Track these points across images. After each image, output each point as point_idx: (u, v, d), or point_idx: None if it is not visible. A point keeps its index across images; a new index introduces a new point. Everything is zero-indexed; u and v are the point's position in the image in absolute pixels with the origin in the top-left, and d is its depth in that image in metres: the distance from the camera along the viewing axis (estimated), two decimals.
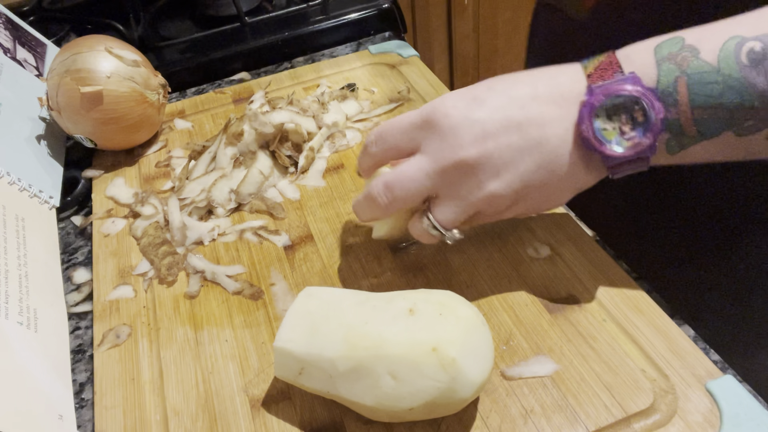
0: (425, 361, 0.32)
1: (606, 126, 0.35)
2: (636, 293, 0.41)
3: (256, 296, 0.45)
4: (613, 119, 0.35)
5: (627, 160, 0.35)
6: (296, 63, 0.72)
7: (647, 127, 0.34)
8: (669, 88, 0.33)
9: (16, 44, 0.65)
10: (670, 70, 0.33)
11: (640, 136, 0.34)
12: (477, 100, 0.37)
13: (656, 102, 0.33)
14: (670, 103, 0.33)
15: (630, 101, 0.34)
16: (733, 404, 0.34)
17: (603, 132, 0.35)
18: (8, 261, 0.44)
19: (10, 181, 0.50)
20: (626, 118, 0.34)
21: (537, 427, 0.35)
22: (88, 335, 0.45)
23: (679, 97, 0.33)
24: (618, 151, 0.35)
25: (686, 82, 0.33)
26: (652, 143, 0.34)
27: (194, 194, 0.52)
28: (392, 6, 0.75)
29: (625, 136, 0.34)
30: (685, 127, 0.34)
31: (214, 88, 0.69)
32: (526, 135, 0.35)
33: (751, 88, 0.32)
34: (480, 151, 0.35)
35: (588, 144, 0.35)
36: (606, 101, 0.34)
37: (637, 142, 0.34)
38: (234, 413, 0.38)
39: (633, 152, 0.34)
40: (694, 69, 0.33)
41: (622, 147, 0.34)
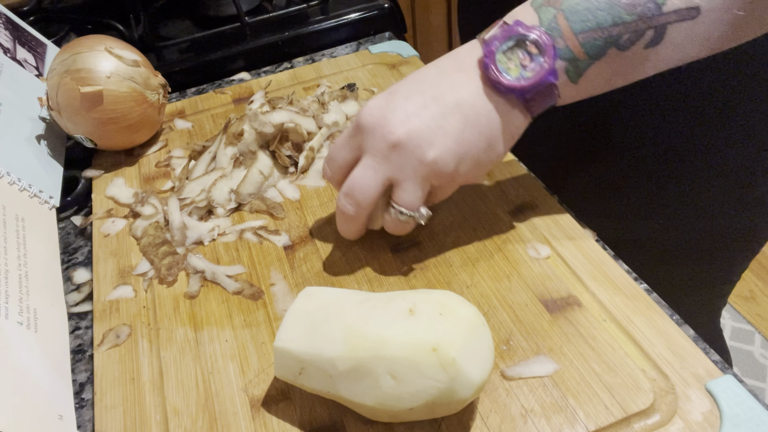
0: (425, 362, 0.32)
1: (509, 65, 0.39)
2: (636, 293, 0.41)
3: (256, 296, 0.45)
4: (512, 58, 0.39)
5: (535, 88, 0.39)
6: (296, 63, 0.72)
7: (542, 53, 0.38)
8: (552, 23, 0.38)
9: (16, 44, 0.65)
10: (547, 11, 0.39)
11: (540, 62, 0.38)
12: (393, 93, 0.41)
13: (543, 34, 0.38)
14: (556, 35, 0.38)
15: (522, 39, 0.39)
16: (733, 404, 0.34)
17: (508, 71, 0.39)
18: (8, 261, 0.44)
19: (10, 181, 0.50)
20: (523, 53, 0.39)
21: (537, 427, 0.35)
22: (88, 335, 0.45)
23: (562, 28, 0.38)
24: (525, 81, 0.39)
25: (564, 15, 0.38)
26: (551, 68, 0.38)
27: (194, 194, 0.52)
28: (392, 6, 0.75)
29: (527, 68, 0.39)
30: (576, 52, 0.38)
31: (214, 88, 0.69)
32: (444, 102, 0.40)
33: (615, 6, 0.37)
34: (408, 128, 0.39)
35: (498, 85, 0.39)
36: (501, 45, 0.39)
37: (538, 69, 0.38)
38: (234, 413, 0.38)
39: (538, 78, 0.38)
40: (566, 5, 0.38)
41: (526, 76, 0.39)
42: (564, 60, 0.38)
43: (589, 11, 0.37)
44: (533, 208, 0.48)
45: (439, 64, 0.42)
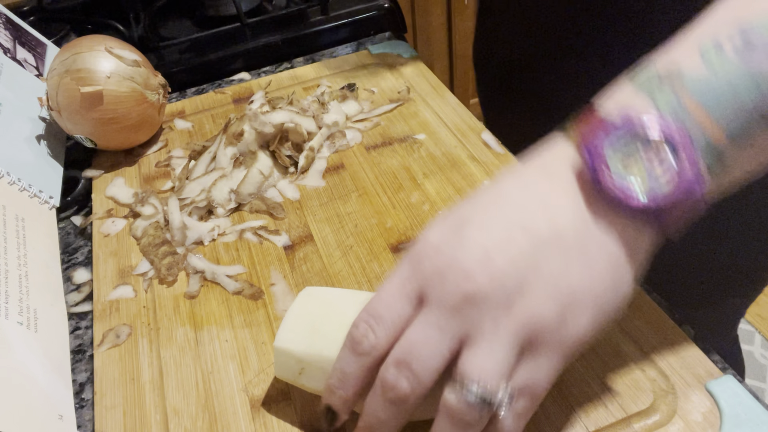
0: None
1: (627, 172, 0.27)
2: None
3: (256, 296, 0.45)
4: (628, 164, 0.27)
5: (672, 199, 0.27)
6: (296, 63, 0.72)
7: (677, 153, 0.27)
8: (676, 108, 0.27)
9: (16, 44, 0.65)
10: (664, 91, 0.28)
11: (675, 167, 0.27)
12: (465, 223, 0.30)
13: (673, 125, 0.27)
14: (689, 125, 0.27)
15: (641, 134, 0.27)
16: (733, 404, 0.34)
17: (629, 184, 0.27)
18: (8, 261, 0.44)
19: (10, 181, 0.50)
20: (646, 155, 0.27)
21: (537, 427, 0.35)
22: (88, 335, 0.45)
23: (691, 110, 0.27)
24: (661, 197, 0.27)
25: (689, 95, 0.27)
26: (695, 172, 0.27)
27: (194, 194, 0.52)
28: (392, 6, 0.75)
29: (659, 177, 0.27)
30: (715, 140, 0.27)
31: (214, 88, 0.69)
32: (536, 233, 0.28)
33: (757, 73, 0.27)
34: (490, 273, 0.28)
35: (622, 204, 0.28)
36: (612, 147, 0.28)
37: (676, 177, 0.27)
38: (234, 413, 0.38)
39: (680, 190, 0.27)
40: (689, 81, 0.27)
41: (663, 190, 0.27)
42: (705, 155, 0.27)
43: (720, 83, 0.27)
44: None
45: (521, 175, 0.30)
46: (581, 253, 0.28)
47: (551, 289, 0.28)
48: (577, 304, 0.28)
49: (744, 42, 0.27)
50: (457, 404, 0.27)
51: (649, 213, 0.28)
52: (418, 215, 0.49)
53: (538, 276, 0.28)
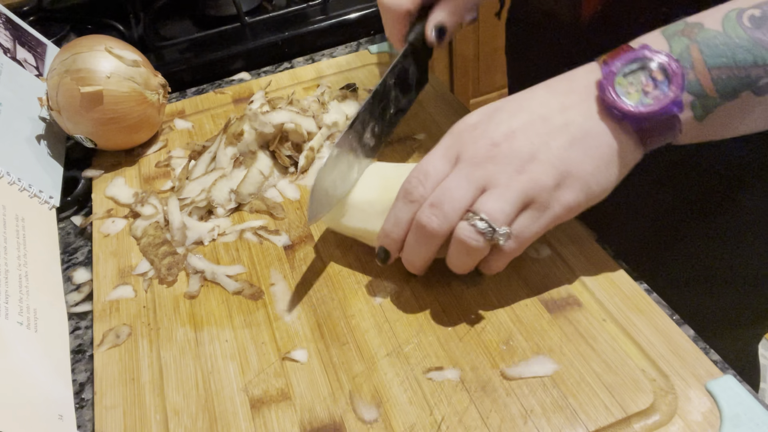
0: None
1: (628, 89, 0.35)
2: (636, 293, 0.41)
3: (256, 296, 0.45)
4: (633, 82, 0.35)
5: (655, 117, 0.35)
6: (296, 63, 0.72)
7: (669, 81, 0.34)
8: (683, 53, 0.34)
9: (16, 44, 0.65)
10: (680, 40, 0.35)
11: (664, 90, 0.35)
12: (497, 110, 0.38)
13: (673, 61, 0.34)
14: (687, 66, 0.34)
15: (647, 63, 0.35)
16: (733, 404, 0.34)
17: (626, 95, 0.35)
18: (8, 261, 0.44)
19: (10, 181, 0.50)
20: (646, 78, 0.35)
21: (537, 427, 0.35)
22: (88, 335, 0.45)
23: (694, 60, 0.34)
24: (644, 108, 0.35)
25: (698, 47, 0.34)
26: (676, 97, 0.34)
27: (194, 194, 0.52)
28: None
29: (649, 94, 0.35)
30: (706, 88, 0.34)
31: (214, 88, 0.69)
32: (552, 122, 0.37)
33: (759, 46, 0.33)
34: (510, 143, 0.37)
35: (614, 109, 0.36)
36: (623, 67, 0.36)
37: (662, 97, 0.35)
38: (234, 413, 0.38)
39: (659, 106, 0.34)
40: (702, 37, 0.34)
41: (646, 103, 0.35)
42: (692, 94, 0.35)
43: (728, 47, 0.34)
44: None
45: (550, 84, 0.39)
46: (582, 143, 0.36)
47: (555, 161, 0.36)
48: (571, 177, 0.36)
49: (761, 15, 0.34)
50: (467, 230, 0.36)
51: (633, 119, 0.35)
52: None
53: (547, 152, 0.36)
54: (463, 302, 0.42)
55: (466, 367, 0.38)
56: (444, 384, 0.37)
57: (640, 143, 0.37)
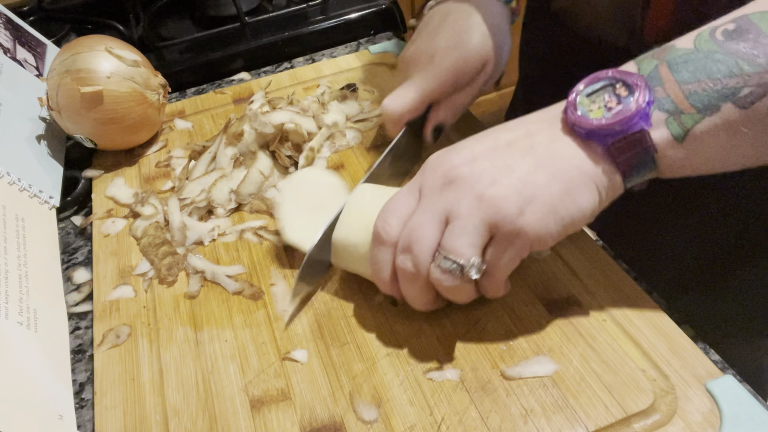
0: None
1: (591, 107, 0.34)
2: (636, 293, 0.41)
3: (256, 296, 0.45)
4: (596, 100, 0.35)
5: (618, 130, 0.33)
6: (296, 63, 0.72)
7: (631, 94, 0.33)
8: (652, 72, 0.34)
9: (16, 44, 0.65)
10: (649, 62, 0.34)
11: (627, 103, 0.33)
12: (463, 144, 0.38)
13: (637, 77, 0.33)
14: (655, 85, 0.33)
15: (610, 83, 0.34)
16: (733, 404, 0.34)
17: (588, 113, 0.34)
18: (8, 261, 0.44)
19: (10, 181, 0.50)
20: (610, 95, 0.34)
21: (537, 427, 0.35)
22: (88, 335, 0.45)
23: (663, 77, 0.33)
24: (604, 121, 0.33)
25: (666, 65, 0.33)
26: (639, 109, 0.33)
27: (194, 194, 0.52)
28: (392, 6, 0.75)
29: (612, 110, 0.34)
30: (679, 103, 0.33)
31: (214, 88, 0.69)
32: (516, 146, 0.36)
33: (733, 56, 0.32)
34: (471, 167, 0.36)
35: (575, 127, 0.35)
36: (586, 88, 0.35)
37: (624, 109, 0.33)
38: (234, 413, 0.38)
39: (620, 118, 0.33)
40: (671, 55, 0.33)
41: (605, 115, 0.34)
42: (664, 111, 0.33)
43: (699, 61, 0.32)
44: None
45: (522, 117, 0.38)
46: (547, 166, 0.35)
47: (518, 186, 0.34)
48: (536, 202, 0.34)
49: (734, 28, 0.32)
50: (437, 272, 0.35)
51: (595, 136, 0.34)
52: None
53: (509, 176, 0.35)
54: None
55: (466, 367, 0.38)
56: (444, 384, 0.37)
57: (614, 167, 0.34)
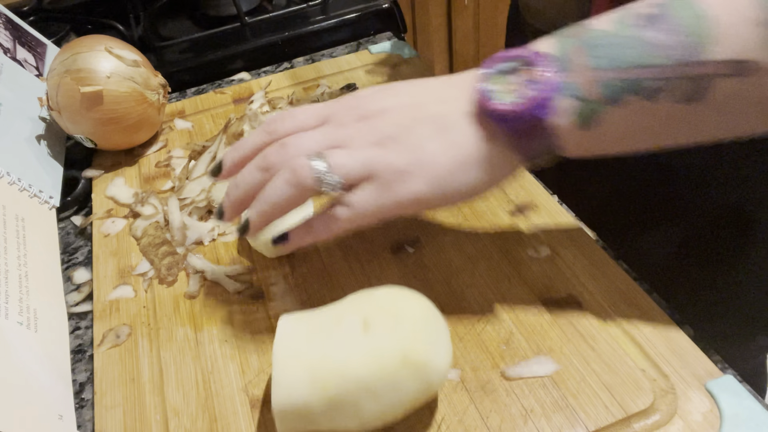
0: (399, 375, 0.32)
1: (497, 87, 0.34)
2: (636, 293, 0.41)
3: (256, 296, 0.45)
4: (503, 79, 0.34)
5: (519, 118, 0.33)
6: (296, 63, 0.72)
7: (538, 78, 0.33)
8: (566, 55, 0.33)
9: (16, 44, 0.65)
10: (566, 41, 0.33)
11: (532, 86, 0.33)
12: (383, 89, 0.38)
13: (546, 61, 0.33)
14: (566, 68, 0.33)
15: (519, 63, 0.34)
16: (733, 404, 0.34)
17: (496, 93, 0.34)
18: (8, 261, 0.44)
19: (10, 181, 0.50)
20: (517, 78, 0.34)
21: (537, 427, 0.35)
22: (88, 335, 0.45)
23: (575, 61, 0.32)
24: (504, 107, 0.33)
25: (582, 47, 0.32)
26: (540, 99, 0.32)
27: (194, 194, 0.52)
28: (392, 6, 0.75)
29: (516, 93, 0.33)
30: (587, 91, 0.32)
31: (214, 88, 0.69)
32: (424, 110, 0.36)
33: (649, 44, 0.31)
34: (379, 118, 0.36)
35: (476, 103, 0.35)
36: (496, 67, 0.35)
37: (526, 98, 0.33)
38: (234, 413, 0.38)
39: (521, 107, 0.33)
40: (589, 36, 0.32)
41: (510, 98, 0.33)
42: (572, 98, 0.32)
43: (612, 47, 0.31)
44: (533, 208, 0.48)
45: (447, 77, 0.38)
46: (445, 137, 0.35)
47: (411, 147, 0.35)
48: (424, 168, 0.35)
49: (658, 13, 0.31)
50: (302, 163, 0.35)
51: (495, 117, 0.34)
52: (417, 214, 0.49)
53: (408, 136, 0.35)
54: (463, 302, 0.42)
55: (466, 367, 0.38)
56: (444, 384, 0.37)
57: (514, 148, 0.35)
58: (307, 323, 0.35)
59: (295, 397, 0.32)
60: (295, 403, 0.32)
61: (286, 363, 0.33)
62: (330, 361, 0.32)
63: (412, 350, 0.32)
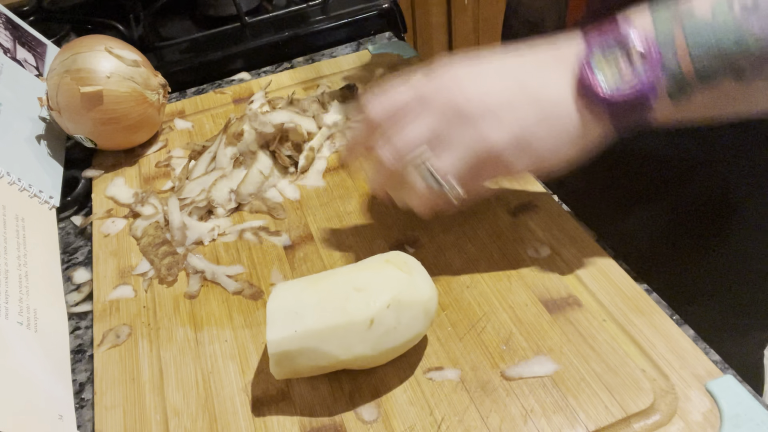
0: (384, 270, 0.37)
1: (604, 69, 0.35)
2: (636, 293, 0.41)
3: (256, 296, 0.45)
4: (610, 63, 0.35)
5: (627, 100, 0.35)
6: (296, 63, 0.72)
7: (645, 64, 0.34)
8: (667, 36, 0.34)
9: (16, 44, 0.65)
10: (666, 21, 0.34)
11: (639, 72, 0.34)
12: (479, 62, 0.39)
13: (653, 44, 0.34)
14: (668, 49, 0.34)
15: (627, 45, 0.35)
16: (733, 404, 0.34)
17: (603, 76, 0.35)
18: (8, 261, 0.44)
19: (10, 181, 0.50)
20: (624, 61, 0.35)
21: (537, 427, 0.35)
22: (88, 335, 0.45)
23: (677, 43, 0.34)
24: (617, 94, 0.35)
25: (682, 30, 0.34)
26: (649, 81, 0.34)
27: (194, 194, 0.52)
28: (392, 6, 0.75)
29: (624, 77, 0.35)
30: (685, 72, 0.34)
31: (214, 88, 0.69)
32: (526, 91, 0.37)
33: (746, 33, 0.33)
34: (481, 101, 0.37)
35: (586, 88, 0.36)
36: (602, 47, 0.36)
37: (636, 82, 0.34)
38: (234, 413, 0.38)
39: (630, 89, 0.35)
40: (688, 19, 0.34)
41: (621, 89, 0.35)
42: (668, 75, 0.34)
43: (713, 30, 0.33)
44: (533, 208, 0.48)
45: (536, 48, 0.39)
46: (550, 118, 0.37)
47: (518, 130, 0.37)
48: (528, 149, 0.37)
49: (752, 4, 0.33)
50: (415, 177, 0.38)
51: (606, 104, 0.35)
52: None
53: (514, 119, 0.37)
54: (463, 302, 0.42)
55: (466, 367, 0.38)
56: (444, 384, 0.37)
57: (610, 125, 0.37)
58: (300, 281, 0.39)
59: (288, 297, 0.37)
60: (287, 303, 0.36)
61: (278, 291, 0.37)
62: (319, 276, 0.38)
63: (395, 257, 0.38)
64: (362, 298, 0.35)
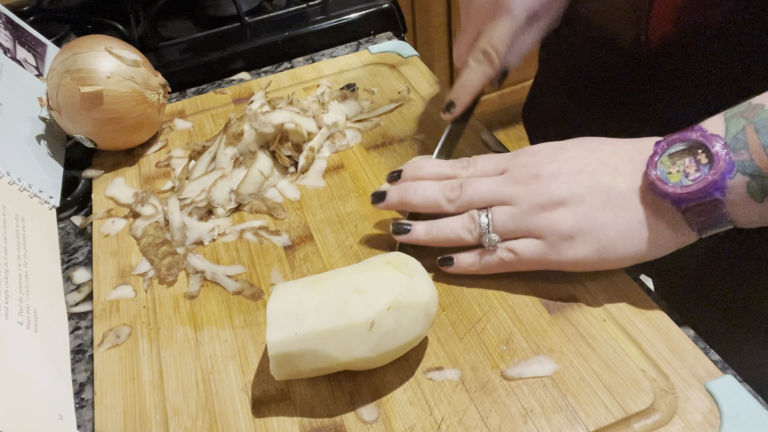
0: (384, 272, 0.37)
1: (670, 169, 0.36)
2: (636, 293, 0.41)
3: (256, 296, 0.45)
4: (677, 163, 0.36)
5: (692, 199, 0.35)
6: (296, 63, 0.72)
7: (711, 164, 0.35)
8: (738, 135, 0.34)
9: (16, 44, 0.65)
10: (737, 122, 0.35)
11: (705, 173, 0.35)
12: (562, 147, 0.41)
13: (721, 144, 0.35)
14: (740, 147, 0.34)
15: (693, 146, 0.36)
16: (733, 404, 0.34)
17: (667, 175, 0.36)
18: (8, 261, 0.44)
19: (10, 181, 0.50)
20: (690, 160, 0.36)
21: (537, 427, 0.35)
22: (88, 335, 0.45)
23: (749, 140, 0.34)
24: (680, 190, 0.35)
25: (754, 127, 0.34)
26: (715, 181, 0.34)
27: (194, 194, 0.52)
28: (392, 6, 0.75)
29: (689, 176, 0.35)
30: (763, 166, 0.34)
31: (214, 88, 0.69)
32: (598, 179, 0.39)
33: None
34: (552, 180, 0.39)
35: (653, 187, 0.37)
36: (669, 147, 0.37)
37: (701, 179, 0.35)
38: (234, 413, 0.38)
39: (695, 189, 0.35)
40: (760, 117, 0.34)
41: (684, 184, 0.35)
42: (746, 175, 0.34)
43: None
44: None
45: (617, 143, 0.40)
46: (614, 210, 0.38)
47: (580, 216, 0.38)
48: (589, 236, 0.38)
49: None
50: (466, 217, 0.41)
51: (670, 199, 0.36)
52: None
53: (578, 205, 0.38)
54: (463, 302, 0.42)
55: (466, 367, 0.38)
56: (444, 384, 0.37)
57: (686, 226, 0.37)
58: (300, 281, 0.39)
59: (288, 298, 0.36)
60: (287, 304, 0.36)
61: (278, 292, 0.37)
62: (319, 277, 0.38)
63: (396, 259, 0.38)
64: (363, 300, 0.35)
